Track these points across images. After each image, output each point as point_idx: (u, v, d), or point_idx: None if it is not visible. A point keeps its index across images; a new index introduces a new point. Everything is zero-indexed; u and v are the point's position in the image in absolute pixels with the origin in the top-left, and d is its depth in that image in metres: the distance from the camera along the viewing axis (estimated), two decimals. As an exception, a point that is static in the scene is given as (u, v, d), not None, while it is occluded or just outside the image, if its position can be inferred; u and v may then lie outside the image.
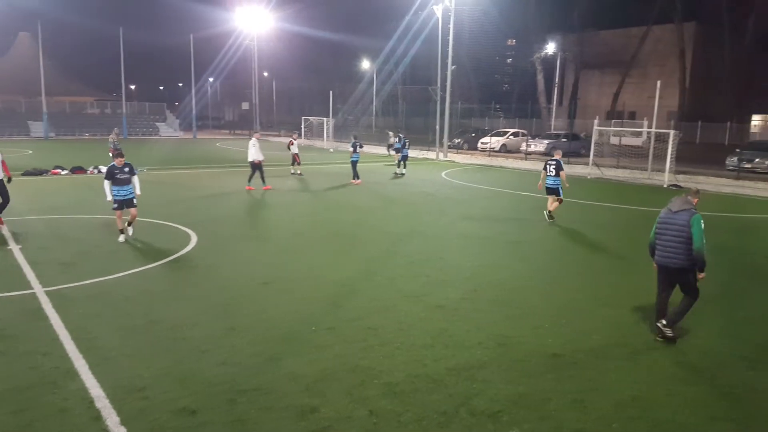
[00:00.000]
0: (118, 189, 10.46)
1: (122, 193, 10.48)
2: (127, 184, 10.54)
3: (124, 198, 10.49)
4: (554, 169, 13.34)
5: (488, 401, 4.94)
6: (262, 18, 52.46)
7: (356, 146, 20.64)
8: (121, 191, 10.47)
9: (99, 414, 4.62)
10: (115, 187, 10.44)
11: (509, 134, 39.73)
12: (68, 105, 58.24)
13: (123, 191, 10.49)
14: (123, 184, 10.48)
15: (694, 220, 6.31)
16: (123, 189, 10.49)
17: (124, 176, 10.50)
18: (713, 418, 4.79)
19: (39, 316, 6.73)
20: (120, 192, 10.47)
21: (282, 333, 6.36)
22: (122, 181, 10.47)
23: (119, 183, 10.46)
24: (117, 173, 10.45)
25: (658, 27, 46.60)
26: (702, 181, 22.87)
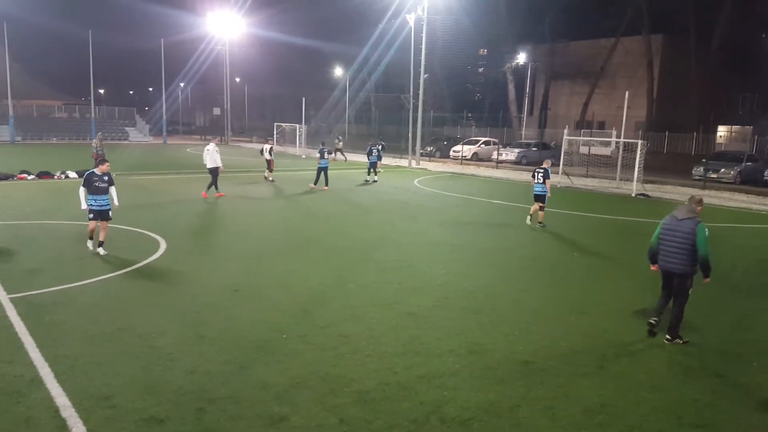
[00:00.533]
0: (94, 198, 9.78)
1: (99, 203, 9.82)
2: (105, 194, 9.92)
3: (100, 209, 9.83)
4: (542, 177, 13.95)
5: (459, 409, 4.99)
6: (234, 23, 52.15)
7: (323, 152, 20.98)
8: (98, 201, 9.81)
9: (65, 423, 4.53)
10: (91, 196, 9.77)
11: (481, 143, 40.21)
12: (35, 108, 56.75)
13: (100, 201, 9.84)
14: (100, 194, 9.83)
15: (699, 228, 6.66)
16: (100, 198, 9.84)
17: (102, 185, 9.87)
18: (681, 424, 4.91)
19: (3, 324, 6.55)
20: (97, 202, 9.80)
21: (252, 341, 6.32)
22: (99, 190, 9.83)
23: (96, 192, 9.79)
24: (96, 181, 9.81)
25: (627, 39, 47.88)
26: (669, 191, 23.53)
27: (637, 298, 8.49)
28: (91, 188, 9.81)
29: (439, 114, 56.10)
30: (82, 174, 21.54)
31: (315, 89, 70.05)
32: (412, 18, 33.73)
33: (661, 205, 19.84)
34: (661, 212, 17.62)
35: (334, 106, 65.46)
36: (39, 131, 50.13)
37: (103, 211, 9.91)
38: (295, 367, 5.67)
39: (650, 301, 8.31)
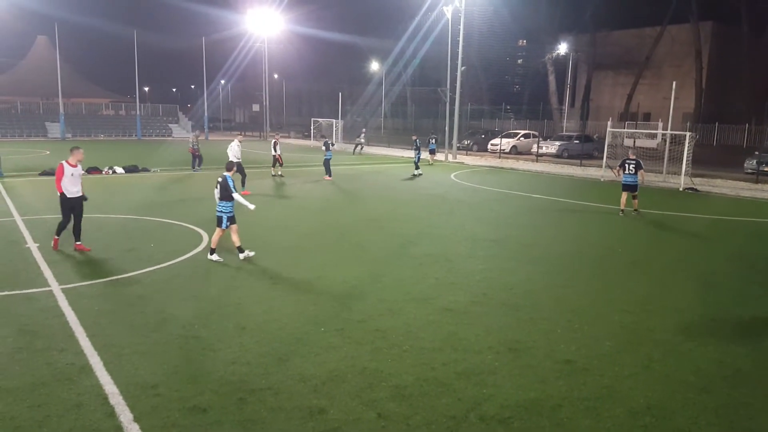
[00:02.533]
0: (224, 204, 9.16)
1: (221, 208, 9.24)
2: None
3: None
4: (634, 168, 14.64)
5: (498, 407, 4.92)
6: (272, 20, 52.79)
7: (328, 145, 21.90)
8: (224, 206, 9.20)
9: (113, 410, 4.68)
10: (222, 203, 9.15)
11: (520, 136, 39.55)
12: (84, 106, 58.98)
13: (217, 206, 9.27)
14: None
15: None
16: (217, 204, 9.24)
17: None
18: (732, 429, 4.71)
19: (56, 313, 6.83)
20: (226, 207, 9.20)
21: (291, 333, 6.39)
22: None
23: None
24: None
25: (674, 27, 46.16)
26: (719, 185, 22.61)
27: (683, 296, 8.19)
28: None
29: (476, 107, 55.42)
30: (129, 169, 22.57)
31: (351, 84, 70.36)
32: (449, 10, 33.39)
33: (710, 199, 19.09)
34: (710, 207, 17.04)
35: (369, 100, 65.58)
36: (87, 128, 52.10)
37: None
38: (332, 361, 5.70)
39: (697, 300, 8.02)
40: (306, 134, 53.02)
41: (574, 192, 20.08)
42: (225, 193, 9.04)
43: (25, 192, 16.66)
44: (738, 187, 22.29)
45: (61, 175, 9.58)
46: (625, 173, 14.72)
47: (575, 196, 18.76)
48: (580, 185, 22.43)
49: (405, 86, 67.50)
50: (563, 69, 54.42)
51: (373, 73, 69.37)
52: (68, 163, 9.67)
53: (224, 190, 9.03)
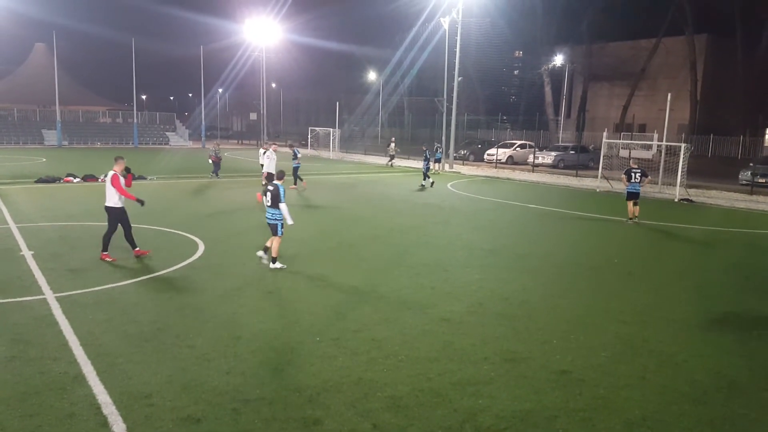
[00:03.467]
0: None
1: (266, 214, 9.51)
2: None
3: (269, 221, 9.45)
4: (639, 176, 15.22)
5: (494, 417, 4.90)
6: (270, 30, 53.00)
7: (295, 153, 21.90)
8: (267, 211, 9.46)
9: (106, 420, 4.65)
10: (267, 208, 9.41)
11: (516, 146, 39.68)
12: (81, 114, 58.92)
13: (266, 212, 9.50)
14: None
15: None
16: (268, 210, 9.46)
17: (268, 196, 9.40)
18: (724, 438, 4.72)
19: (49, 321, 6.79)
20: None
21: (286, 343, 6.37)
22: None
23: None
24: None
25: (669, 39, 46.52)
26: (714, 196, 22.70)
27: (679, 307, 8.20)
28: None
29: (473, 117, 55.63)
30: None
31: (349, 93, 70.60)
32: (446, 21, 33.61)
33: (705, 210, 19.17)
34: (705, 218, 17.10)
35: (367, 109, 65.78)
36: (84, 136, 52.00)
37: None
38: (327, 371, 5.68)
39: (693, 311, 8.03)
40: (303, 143, 53.09)
41: (570, 202, 20.14)
42: (275, 201, 9.22)
43: (21, 199, 16.60)
44: (733, 198, 22.39)
45: (120, 184, 9.52)
46: (632, 182, 15.16)
47: (571, 207, 18.81)
48: (576, 195, 22.50)
49: (402, 96, 67.75)
50: (559, 80, 54.74)
51: (371, 83, 69.67)
52: (116, 171, 9.57)
53: (275, 198, 9.21)
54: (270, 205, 9.28)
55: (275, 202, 9.22)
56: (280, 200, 9.18)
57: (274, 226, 9.33)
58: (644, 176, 15.43)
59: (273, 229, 9.36)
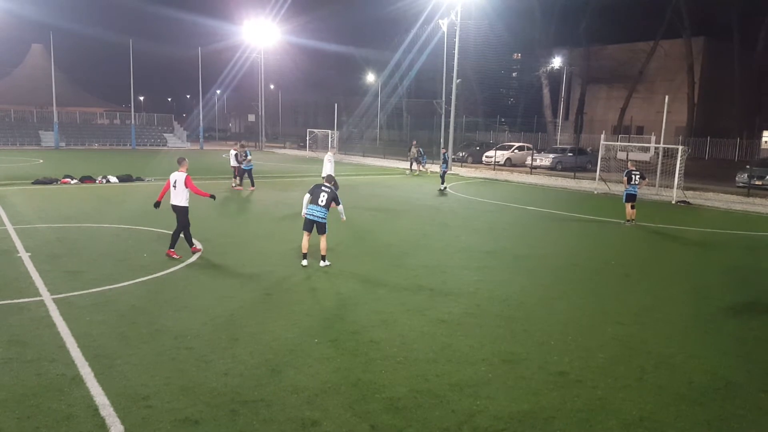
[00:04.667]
0: (311, 208, 9.63)
1: (312, 213, 9.60)
2: (320, 206, 9.57)
3: (313, 219, 9.58)
4: (638, 178, 15.32)
5: (492, 419, 4.91)
6: (268, 31, 53.03)
7: (247, 155, 20.80)
8: (317, 211, 9.60)
9: (104, 422, 4.64)
10: (312, 206, 9.63)
11: (514, 148, 39.72)
12: (79, 115, 58.86)
13: (314, 211, 9.60)
14: (314, 203, 9.62)
15: None
16: (318, 209, 9.59)
17: (322, 193, 9.61)
18: (721, 438, 4.73)
19: (47, 323, 6.78)
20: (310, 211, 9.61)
21: (284, 344, 6.37)
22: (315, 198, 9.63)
23: (315, 201, 9.61)
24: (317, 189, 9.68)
25: (667, 42, 46.71)
26: (711, 198, 22.76)
27: (676, 308, 8.22)
28: (313, 194, 9.71)
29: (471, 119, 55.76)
30: (123, 179, 22.52)
31: (347, 95, 70.66)
32: (445, 23, 33.69)
33: (702, 212, 19.22)
34: (702, 220, 17.14)
35: (365, 111, 65.84)
36: (82, 137, 51.94)
37: (318, 223, 9.63)
38: (326, 372, 5.68)
39: (690, 312, 8.06)
40: (302, 145, 53.12)
41: (567, 204, 20.17)
42: (330, 202, 9.64)
43: (18, 201, 16.57)
44: (730, 200, 22.44)
45: (194, 184, 10.30)
46: (631, 184, 15.25)
47: (569, 209, 18.84)
48: (573, 197, 22.54)
49: (401, 98, 67.86)
50: (557, 82, 54.91)
51: (369, 85, 69.73)
52: (184, 172, 10.26)
53: (333, 199, 9.66)
54: (324, 205, 9.55)
55: (331, 202, 9.62)
56: (339, 201, 9.77)
57: (322, 225, 9.59)
58: (642, 178, 15.66)
59: (321, 228, 9.62)
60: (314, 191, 9.66)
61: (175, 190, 10.20)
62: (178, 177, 10.18)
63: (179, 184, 10.16)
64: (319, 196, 9.57)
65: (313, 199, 9.61)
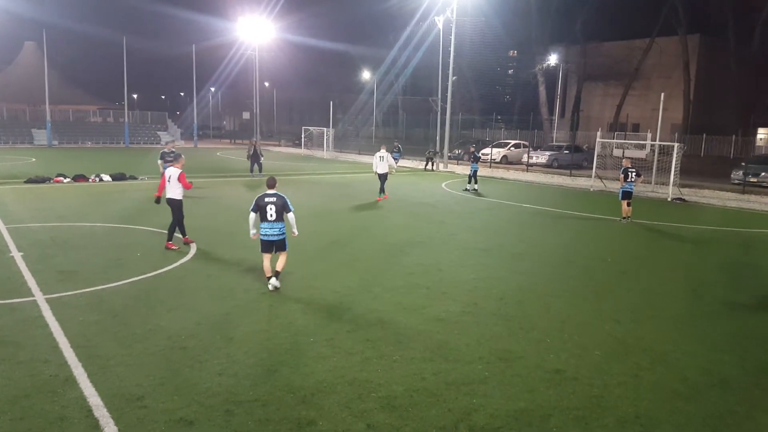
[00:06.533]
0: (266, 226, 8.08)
1: (266, 233, 8.10)
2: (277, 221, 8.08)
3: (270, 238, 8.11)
4: (635, 176, 15.54)
5: (488, 417, 4.89)
6: (263, 28, 52.83)
7: (165, 157, 18.85)
8: (268, 228, 8.10)
9: (97, 423, 4.60)
10: (263, 225, 8.10)
11: (510, 146, 39.77)
12: (72, 113, 58.54)
13: (267, 230, 8.10)
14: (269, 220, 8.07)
15: None
16: (271, 226, 8.08)
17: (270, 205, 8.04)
18: (717, 435, 4.72)
19: (39, 323, 6.72)
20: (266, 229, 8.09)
21: (279, 344, 6.33)
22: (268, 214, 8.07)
23: (264, 218, 8.06)
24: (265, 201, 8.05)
25: (662, 39, 46.75)
26: (707, 195, 22.83)
27: (671, 305, 8.23)
28: (261, 211, 8.10)
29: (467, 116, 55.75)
30: (116, 177, 22.41)
31: (343, 92, 70.51)
32: (440, 20, 33.63)
33: (698, 209, 19.27)
34: (698, 217, 17.19)
35: (361, 109, 65.73)
36: (75, 135, 51.66)
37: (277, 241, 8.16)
38: (321, 371, 5.65)
39: (685, 309, 8.07)
40: (297, 143, 52.99)
41: (564, 202, 20.19)
42: (282, 213, 8.17)
43: (10, 200, 16.45)
44: (725, 197, 22.52)
45: (186, 180, 10.75)
46: (628, 181, 15.35)
47: (565, 206, 18.86)
48: (569, 195, 22.57)
49: (396, 95, 67.75)
50: (553, 80, 54.90)
51: (365, 82, 69.58)
52: (179, 168, 10.85)
53: (283, 209, 8.14)
54: (275, 219, 8.04)
55: (281, 213, 8.08)
56: (289, 209, 8.11)
57: (281, 242, 8.15)
58: (638, 176, 15.86)
59: (281, 246, 8.17)
60: (259, 205, 8.06)
61: (170, 184, 10.64)
62: (173, 172, 10.69)
63: (173, 179, 10.61)
64: (266, 210, 8.01)
65: (261, 216, 8.06)
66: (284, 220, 8.17)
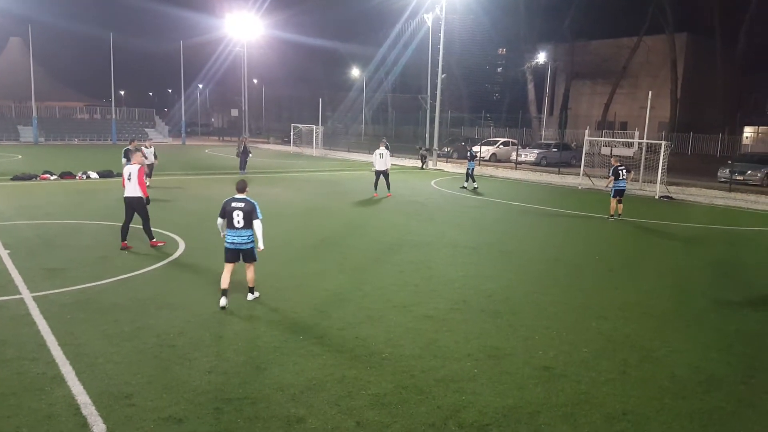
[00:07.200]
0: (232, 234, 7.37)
1: (232, 240, 7.39)
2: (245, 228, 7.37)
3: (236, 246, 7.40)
4: (626, 173, 15.77)
5: (477, 413, 4.92)
6: (252, 25, 52.53)
7: (128, 154, 18.17)
8: (234, 236, 7.38)
9: (85, 421, 4.57)
10: (230, 231, 7.40)
11: (499, 143, 39.91)
12: (58, 110, 57.85)
13: (233, 238, 7.39)
14: (235, 227, 7.36)
15: None
16: (237, 234, 7.37)
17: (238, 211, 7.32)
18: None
19: (26, 321, 6.65)
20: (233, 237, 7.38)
21: (269, 342, 6.32)
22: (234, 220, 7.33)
23: (231, 224, 7.36)
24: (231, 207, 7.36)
25: (650, 37, 47.14)
26: (694, 193, 23.07)
27: (659, 303, 8.32)
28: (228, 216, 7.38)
29: (456, 114, 55.84)
30: (103, 174, 22.21)
31: (332, 90, 70.31)
32: (429, 18, 33.67)
33: (685, 207, 19.47)
34: (685, 215, 17.37)
35: (350, 106, 65.62)
36: (61, 132, 51.08)
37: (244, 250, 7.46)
38: (311, 369, 5.65)
39: (672, 307, 8.16)
40: (286, 140, 52.80)
41: (552, 199, 20.32)
42: (250, 220, 7.45)
43: (-4, 197, 16.24)
44: (712, 195, 22.78)
45: (144, 179, 10.31)
46: (619, 179, 15.48)
47: (554, 204, 18.98)
48: (558, 193, 22.71)
49: (386, 93, 67.71)
50: (542, 78, 55.18)
51: (354, 80, 69.46)
52: (137, 163, 10.30)
53: (250, 215, 7.43)
54: (242, 226, 7.36)
55: (250, 220, 7.38)
56: (257, 216, 7.41)
57: (249, 251, 7.46)
58: (628, 172, 16.17)
59: (248, 256, 7.47)
60: (226, 210, 7.40)
61: (130, 182, 10.13)
62: (132, 169, 10.14)
63: (133, 176, 10.11)
64: (233, 216, 7.32)
65: (228, 222, 7.39)
66: (252, 228, 7.41)
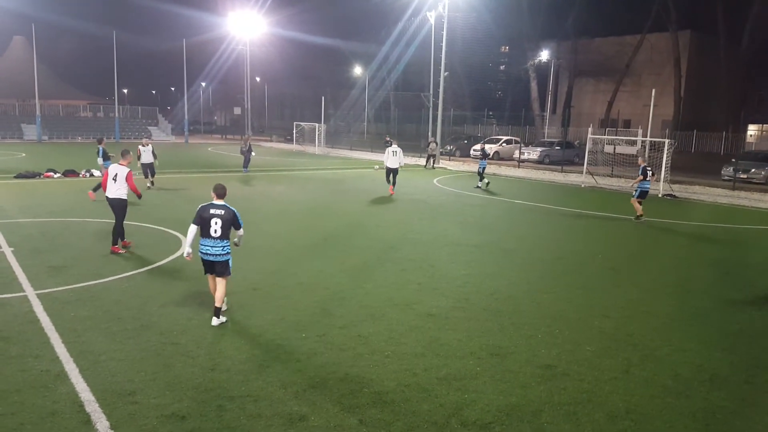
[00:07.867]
0: (207, 244, 6.63)
1: (206, 251, 6.63)
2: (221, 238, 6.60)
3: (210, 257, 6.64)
4: (650, 174, 15.33)
5: (480, 412, 4.92)
6: (254, 23, 52.52)
7: (106, 154, 17.52)
8: (209, 246, 6.62)
9: (89, 418, 4.59)
10: (204, 241, 6.66)
11: (502, 141, 39.83)
12: (61, 108, 58.01)
13: (207, 248, 6.63)
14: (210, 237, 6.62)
15: None
16: (213, 244, 6.62)
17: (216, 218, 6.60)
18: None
19: (30, 318, 6.68)
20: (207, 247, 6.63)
21: (272, 340, 6.33)
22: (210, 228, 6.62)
23: (206, 233, 6.62)
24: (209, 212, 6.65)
25: (653, 35, 47.00)
26: (697, 191, 23.01)
27: (662, 301, 8.31)
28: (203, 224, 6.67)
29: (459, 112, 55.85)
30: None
31: (334, 88, 70.35)
32: (432, 16, 33.60)
33: (688, 206, 19.42)
34: (688, 213, 17.32)
35: (353, 104, 65.61)
36: (65, 130, 51.21)
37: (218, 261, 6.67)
38: (313, 367, 5.66)
39: (675, 305, 8.14)
40: (288, 138, 52.83)
41: (555, 198, 20.28)
42: (228, 229, 6.78)
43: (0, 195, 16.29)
44: (715, 193, 22.71)
45: (133, 180, 9.97)
46: (645, 180, 15.09)
47: (556, 202, 18.95)
48: (561, 191, 22.68)
49: (388, 91, 67.69)
50: (545, 76, 55.07)
51: (357, 78, 69.44)
52: (125, 165, 9.94)
53: (229, 224, 6.74)
54: (219, 235, 6.59)
55: (228, 229, 6.63)
56: (239, 225, 6.78)
57: (223, 264, 6.63)
58: (652, 174, 15.75)
59: (221, 269, 6.62)
60: (202, 217, 6.66)
61: (114, 183, 9.74)
62: (119, 170, 9.76)
63: (120, 177, 9.74)
64: (210, 224, 6.58)
65: (203, 230, 6.64)
66: (230, 239, 6.71)
